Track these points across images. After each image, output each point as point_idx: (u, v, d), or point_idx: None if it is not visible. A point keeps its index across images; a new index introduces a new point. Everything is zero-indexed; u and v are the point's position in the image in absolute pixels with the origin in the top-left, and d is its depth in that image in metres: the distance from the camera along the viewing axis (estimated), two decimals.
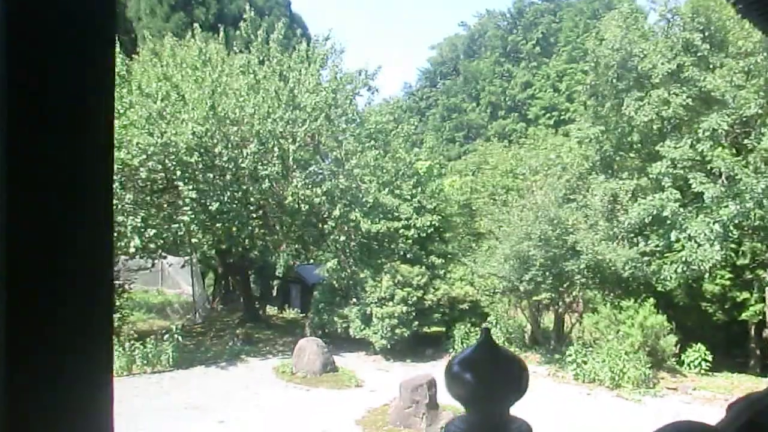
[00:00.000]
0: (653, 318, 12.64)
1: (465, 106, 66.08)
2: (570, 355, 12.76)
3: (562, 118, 48.33)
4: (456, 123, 65.17)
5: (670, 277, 13.51)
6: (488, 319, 15.94)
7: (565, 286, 13.36)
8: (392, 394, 10.53)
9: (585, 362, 12.54)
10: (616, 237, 13.44)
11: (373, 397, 11.38)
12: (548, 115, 52.77)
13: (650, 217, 13.64)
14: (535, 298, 14.14)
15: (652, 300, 13.17)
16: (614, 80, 14.78)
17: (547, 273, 13.03)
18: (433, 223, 17.23)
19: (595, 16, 40.83)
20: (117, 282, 17.73)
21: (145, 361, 14.36)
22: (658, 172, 14.06)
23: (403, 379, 10.39)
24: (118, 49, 16.58)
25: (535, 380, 13.17)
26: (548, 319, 16.47)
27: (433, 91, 78.06)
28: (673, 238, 13.43)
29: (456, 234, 21.78)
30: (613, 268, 12.76)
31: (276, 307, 24.36)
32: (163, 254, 17.93)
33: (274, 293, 25.58)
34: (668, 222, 13.58)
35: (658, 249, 13.90)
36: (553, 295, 13.77)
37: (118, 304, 17.64)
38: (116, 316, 17.32)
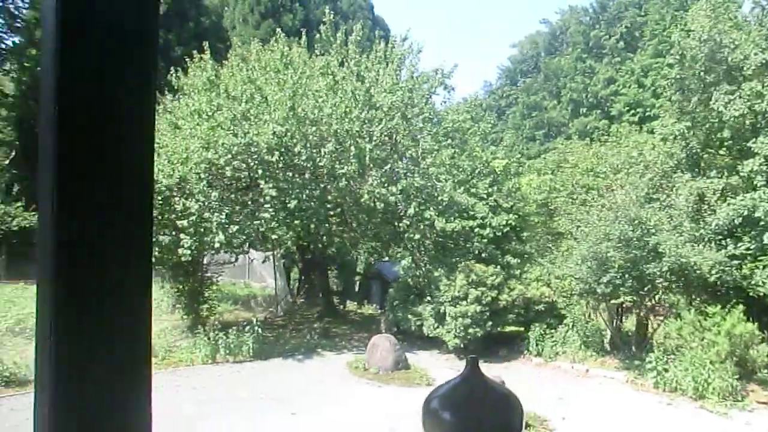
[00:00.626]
0: (742, 326, 11.93)
1: (545, 104, 64.69)
2: (650, 362, 12.27)
3: (647, 114, 46.30)
4: (536, 121, 63.91)
5: (764, 282, 12.75)
6: (564, 321, 15.62)
7: (645, 289, 12.85)
8: None
9: (666, 370, 12.03)
10: (702, 239, 12.78)
11: None
12: (632, 111, 50.53)
13: (741, 218, 12.90)
14: (613, 301, 13.71)
15: (741, 306, 12.46)
16: (702, 73, 14.06)
17: (627, 275, 12.59)
18: (509, 222, 17.06)
19: (683, 7, 38.85)
20: (207, 275, 18.67)
21: (227, 351, 15.01)
22: (750, 170, 13.28)
23: None
24: (208, 56, 17.50)
25: (613, 387, 12.83)
26: (629, 323, 15.93)
27: (513, 89, 76.90)
28: (766, 241, 12.66)
29: (534, 234, 21.43)
30: (698, 271, 12.13)
31: (356, 303, 24.83)
32: (246, 249, 18.70)
33: (357, 289, 26.02)
34: (761, 223, 12.81)
35: (750, 252, 13.12)
36: (633, 298, 13.30)
37: (206, 295, 18.58)
38: (204, 306, 18.26)
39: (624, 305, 14.42)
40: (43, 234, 0.83)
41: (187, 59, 19.42)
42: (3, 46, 40.22)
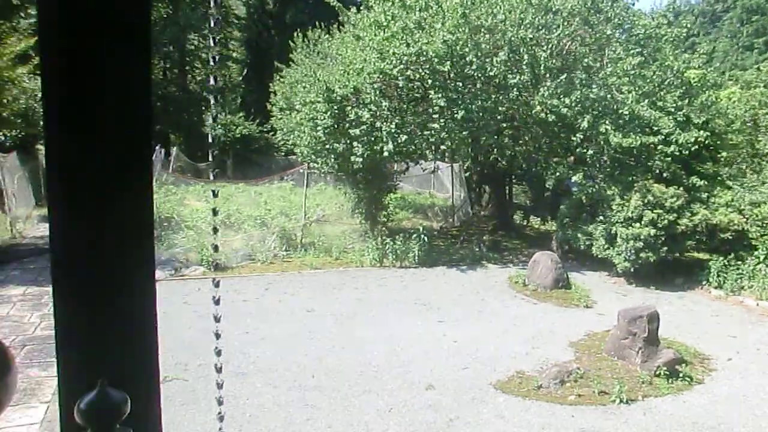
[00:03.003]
0: None
1: None
2: None
3: None
4: (756, 27, 55.26)
5: None
6: (755, 252, 14.05)
7: None
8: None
9: None
10: None
11: (599, 320, 11.06)
12: None
13: None
14: None
15: None
16: None
17: None
18: (698, 139, 15.36)
19: None
20: (387, 183, 19.42)
21: (394, 256, 15.83)
22: None
23: (623, 307, 9.85)
24: None
25: None
26: None
27: None
28: None
29: (736, 154, 19.19)
30: None
31: (539, 218, 24.44)
32: (417, 160, 19.15)
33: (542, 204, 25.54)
34: None
35: None
36: None
37: (384, 202, 19.51)
38: (382, 213, 19.21)
39: None
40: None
41: None
42: None
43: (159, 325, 1.07)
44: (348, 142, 15.81)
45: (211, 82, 11.30)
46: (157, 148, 27.20)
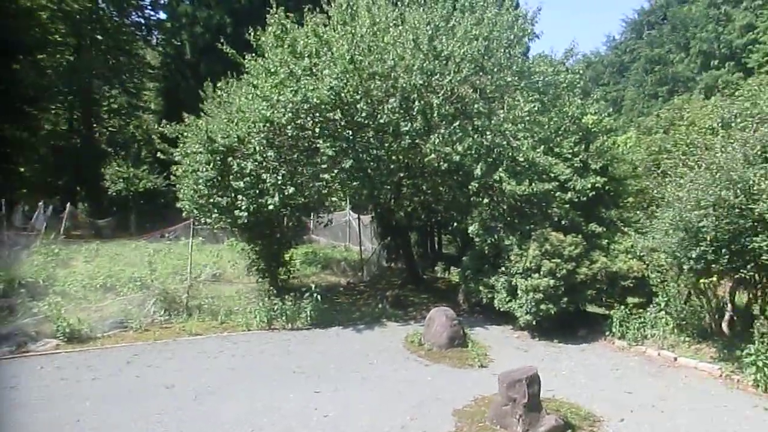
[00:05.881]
0: None
1: (671, 58, 58.65)
2: (750, 355, 10.20)
3: None
4: (660, 76, 58.20)
5: None
6: (656, 300, 13.62)
7: (748, 267, 10.64)
8: None
9: None
10: None
11: (491, 382, 10.04)
12: None
13: None
14: (703, 279, 11.57)
15: None
16: None
17: (723, 250, 10.46)
18: (596, 185, 15.08)
19: None
20: (287, 237, 18.15)
21: (285, 318, 14.55)
22: None
23: (519, 365, 8.98)
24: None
25: (701, 381, 10.91)
26: (738, 303, 13.58)
27: (639, 43, 70.47)
28: None
29: (642, 199, 19.13)
30: None
31: (447, 270, 23.69)
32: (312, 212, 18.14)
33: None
34: None
35: None
36: (735, 276, 11.15)
37: (285, 258, 18.25)
38: (282, 270, 17.95)
39: (722, 284, 12.21)
40: None
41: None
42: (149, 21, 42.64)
43: None
44: (232, 195, 14.67)
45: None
46: (40, 205, 25.22)
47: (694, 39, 56.68)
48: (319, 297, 14.89)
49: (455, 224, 18.09)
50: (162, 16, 43.73)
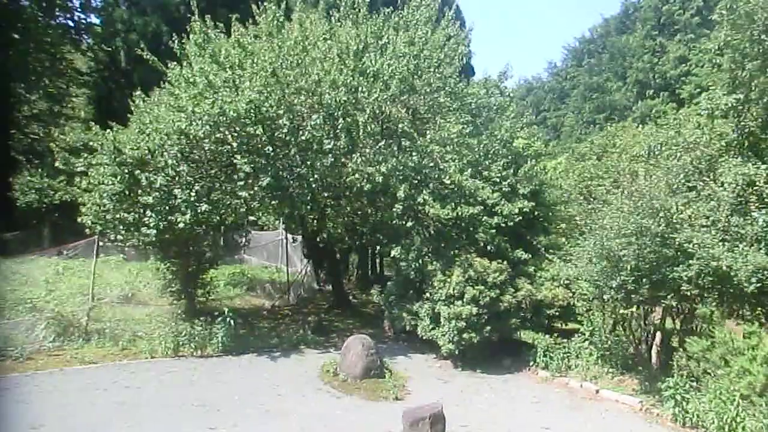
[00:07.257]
0: None
1: (609, 86, 60.36)
2: (669, 389, 9.88)
3: None
4: (598, 104, 59.74)
5: None
6: (580, 330, 13.30)
7: (669, 297, 10.39)
8: None
9: (687, 400, 9.61)
10: (744, 238, 10.15)
11: None
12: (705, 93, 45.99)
13: None
14: (623, 310, 11.31)
15: None
16: (763, 36, 11.32)
17: (644, 279, 10.18)
18: (524, 210, 14.74)
19: None
20: (206, 256, 17.05)
21: (193, 344, 13.52)
22: None
23: (419, 403, 8.36)
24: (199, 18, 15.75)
25: (620, 415, 10.53)
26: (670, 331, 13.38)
27: (579, 71, 72.42)
28: None
29: (571, 227, 18.98)
30: (735, 278, 9.58)
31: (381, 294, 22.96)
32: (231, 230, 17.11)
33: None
34: None
35: None
36: (652, 307, 10.91)
37: (203, 279, 17.16)
38: (199, 291, 16.87)
39: (641, 315, 11.97)
40: None
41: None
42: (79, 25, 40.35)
43: None
44: (141, 210, 13.63)
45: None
46: None
47: (631, 69, 58.48)
48: (233, 321, 13.93)
49: (378, 248, 17.45)
50: (94, 20, 41.82)
